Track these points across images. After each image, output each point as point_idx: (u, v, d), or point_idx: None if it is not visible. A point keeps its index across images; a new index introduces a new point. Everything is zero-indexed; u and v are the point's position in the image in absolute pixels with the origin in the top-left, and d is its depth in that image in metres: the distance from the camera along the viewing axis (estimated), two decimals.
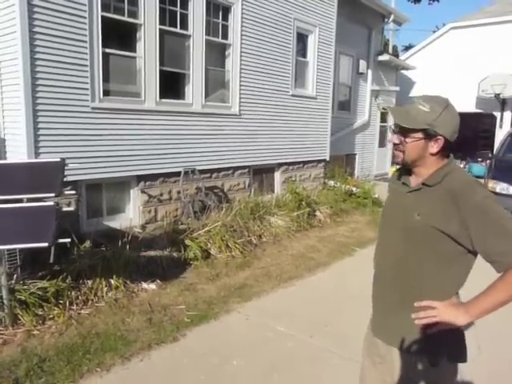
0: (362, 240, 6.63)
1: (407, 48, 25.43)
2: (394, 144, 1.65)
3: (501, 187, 7.43)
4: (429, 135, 1.56)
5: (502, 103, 13.90)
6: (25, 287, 3.69)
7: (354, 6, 10.55)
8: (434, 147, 1.57)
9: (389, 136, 1.97)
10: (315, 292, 4.62)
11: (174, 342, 3.45)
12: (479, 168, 12.69)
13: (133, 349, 3.29)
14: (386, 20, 12.28)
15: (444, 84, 14.15)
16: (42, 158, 4.59)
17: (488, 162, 9.70)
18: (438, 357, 1.58)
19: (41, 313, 3.63)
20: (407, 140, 1.59)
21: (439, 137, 1.56)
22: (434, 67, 14.97)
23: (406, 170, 1.74)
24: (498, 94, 13.34)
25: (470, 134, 17.56)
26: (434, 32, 17.81)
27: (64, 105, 4.86)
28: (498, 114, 14.31)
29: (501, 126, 14.15)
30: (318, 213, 7.70)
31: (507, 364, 3.26)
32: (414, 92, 15.07)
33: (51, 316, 3.64)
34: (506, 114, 14.16)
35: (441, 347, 1.58)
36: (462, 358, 1.62)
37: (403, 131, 1.60)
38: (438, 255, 1.57)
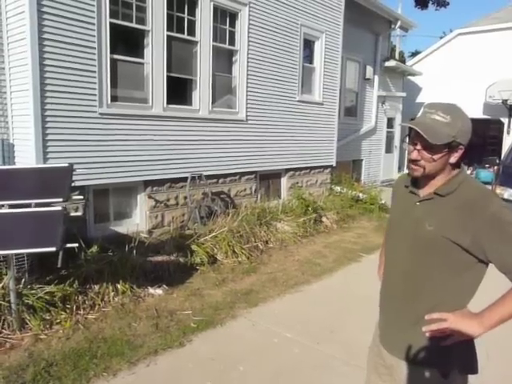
0: (369, 246, 6.60)
1: (414, 54, 25.42)
2: (413, 160, 1.55)
3: (509, 193, 7.37)
4: (452, 147, 1.51)
5: (510, 109, 13.84)
6: (32, 292, 3.70)
7: (361, 11, 10.57)
8: (455, 157, 1.54)
9: (412, 151, 1.81)
10: (321, 298, 4.60)
11: (180, 347, 3.44)
12: (486, 174, 12.61)
13: (139, 354, 3.29)
14: (392, 26, 12.30)
15: (451, 90, 14.11)
16: (50, 163, 4.63)
17: (495, 168, 9.63)
18: (449, 369, 1.54)
19: (48, 317, 3.64)
20: (435, 157, 1.50)
21: (461, 147, 1.52)
22: (440, 73, 14.94)
23: (413, 179, 1.68)
24: (506, 100, 13.28)
25: (477, 140, 17.48)
26: (441, 38, 17.80)
27: (72, 110, 4.90)
28: (505, 120, 14.24)
29: (508, 132, 14.08)
30: (324, 219, 7.68)
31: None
32: (421, 98, 15.05)
33: (58, 320, 3.65)
34: None
35: (452, 359, 1.54)
36: (474, 369, 1.59)
37: (428, 147, 1.50)
38: (449, 266, 1.53)
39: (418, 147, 1.53)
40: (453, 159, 1.54)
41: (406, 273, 1.63)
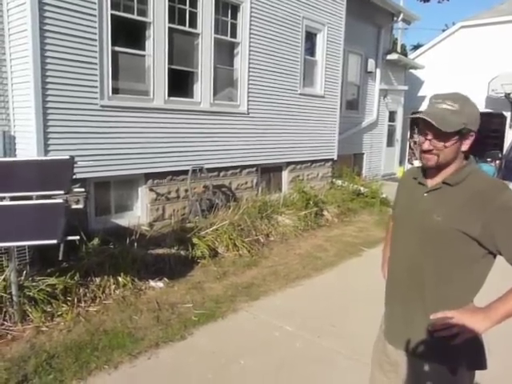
0: (370, 240, 6.60)
1: (416, 47, 25.24)
2: (425, 150, 1.55)
3: (511, 187, 7.37)
4: (462, 134, 1.51)
5: None
6: (34, 284, 3.71)
7: (363, 4, 10.49)
8: (466, 144, 1.54)
9: (423, 142, 1.78)
10: (322, 292, 4.61)
11: (181, 340, 3.45)
12: (489, 168, 12.55)
13: (140, 346, 3.30)
14: (395, 19, 12.21)
15: (453, 83, 13.95)
16: (52, 156, 4.62)
17: (497, 162, 9.61)
18: (457, 365, 1.53)
19: (49, 309, 3.65)
20: (447, 144, 1.50)
21: (471, 133, 1.53)
22: (443, 66, 14.85)
23: (419, 169, 1.69)
24: (509, 94, 13.22)
25: (480, 134, 17.42)
26: (444, 31, 17.67)
27: (73, 102, 4.88)
28: (508, 114, 14.17)
29: (510, 126, 14.02)
30: (325, 212, 7.68)
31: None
32: (423, 91, 14.97)
33: (59, 313, 3.66)
34: None
35: (460, 355, 1.52)
36: (482, 365, 1.58)
37: (440, 136, 1.50)
38: (457, 258, 1.52)
39: (429, 137, 1.53)
40: (464, 147, 1.54)
41: (412, 266, 1.61)
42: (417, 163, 1.74)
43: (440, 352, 1.54)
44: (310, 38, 8.56)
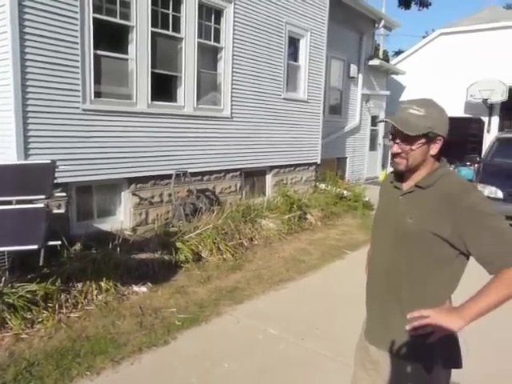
0: (353, 243, 6.66)
1: (397, 53, 25.66)
2: (395, 154, 1.61)
3: (489, 191, 7.51)
4: (430, 138, 1.56)
5: (490, 108, 14.10)
6: (13, 290, 3.63)
7: (346, 10, 10.63)
8: (435, 148, 1.59)
9: (392, 146, 1.85)
10: (306, 295, 4.63)
11: (164, 345, 3.43)
12: (468, 172, 12.82)
13: (123, 352, 3.26)
14: (376, 25, 12.40)
15: (433, 89, 14.27)
16: (32, 160, 4.55)
17: (476, 165, 9.80)
18: (433, 363, 1.57)
19: (29, 316, 3.58)
20: (413, 147, 1.56)
21: (439, 137, 1.58)
22: (423, 72, 15.13)
23: (397, 174, 1.73)
24: (486, 99, 13.53)
25: (459, 138, 17.73)
26: (424, 38, 18.01)
27: (55, 106, 4.83)
28: (485, 119, 14.50)
29: (488, 131, 14.34)
30: (309, 216, 7.72)
31: (493, 364, 3.29)
32: (404, 96, 15.21)
33: (40, 319, 3.59)
34: (494, 118, 14.36)
35: (436, 353, 1.56)
36: (458, 363, 1.62)
37: (406, 139, 1.56)
38: (430, 259, 1.56)
39: (397, 141, 1.59)
40: (433, 151, 1.59)
41: (389, 267, 1.65)
42: None
43: (417, 351, 1.57)
44: (293, 43, 8.64)
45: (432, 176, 1.59)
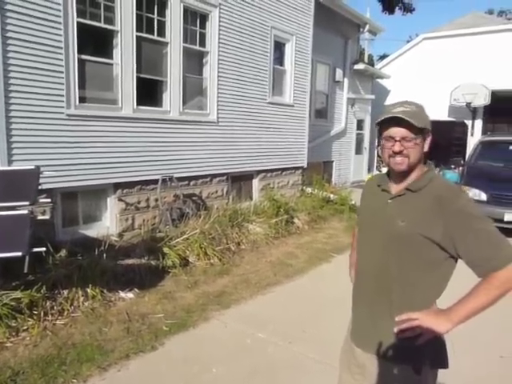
0: (340, 246, 6.69)
1: (382, 57, 25.96)
2: (397, 152, 1.58)
3: (473, 193, 7.63)
4: (424, 133, 1.60)
5: (473, 112, 14.33)
6: None
7: (331, 15, 10.73)
8: (427, 144, 1.63)
9: (392, 145, 1.82)
10: (294, 298, 4.64)
11: (152, 350, 3.41)
12: (452, 175, 12.99)
13: (110, 359, 3.23)
14: (361, 30, 12.55)
15: (418, 92, 14.44)
16: (16, 166, 4.49)
17: (460, 168, 9.96)
18: (421, 364, 1.58)
19: (14, 324, 3.52)
20: (417, 142, 1.57)
21: (429, 134, 1.62)
22: (407, 76, 15.33)
23: (383, 177, 1.75)
24: (469, 103, 13.76)
25: (444, 142, 17.98)
26: (408, 42, 18.26)
27: (39, 111, 4.78)
28: (469, 123, 14.74)
29: (472, 134, 14.57)
30: (296, 220, 7.74)
31: (481, 366, 3.33)
32: (389, 100, 15.37)
33: (25, 327, 3.54)
34: (477, 122, 14.60)
35: (424, 355, 1.58)
36: (444, 364, 1.64)
37: (408, 138, 1.57)
38: (420, 262, 1.58)
39: (398, 139, 1.58)
40: (426, 147, 1.63)
41: (379, 270, 1.66)
42: (385, 170, 1.82)
43: (405, 353, 1.58)
44: (279, 47, 8.69)
45: (422, 179, 1.62)
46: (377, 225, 1.69)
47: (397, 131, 1.58)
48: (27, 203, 3.50)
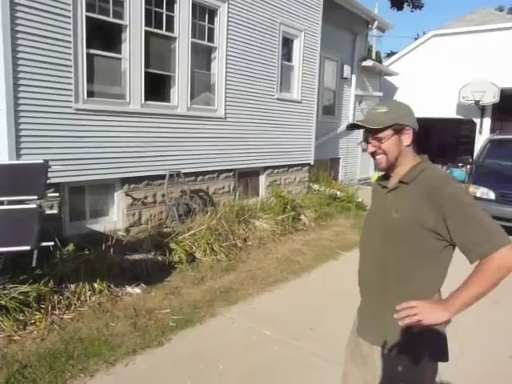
0: (347, 243, 6.67)
1: (390, 54, 25.79)
2: (373, 153, 1.72)
3: (481, 192, 7.58)
4: (398, 129, 1.66)
5: (482, 110, 14.19)
6: (5, 292, 3.59)
7: (339, 11, 10.65)
8: (407, 139, 1.68)
9: (368, 148, 1.93)
10: (300, 295, 4.62)
11: (159, 346, 3.41)
12: (460, 173, 12.90)
13: (117, 354, 3.24)
14: (370, 26, 12.43)
15: (426, 90, 14.40)
16: (24, 160, 4.50)
17: (468, 167, 9.88)
18: (420, 356, 1.61)
19: (22, 318, 3.54)
20: (383, 140, 1.66)
21: (407, 127, 1.67)
22: (416, 73, 15.19)
23: (384, 175, 1.81)
24: (478, 101, 13.62)
25: (451, 140, 17.87)
26: (416, 39, 18.11)
27: (47, 105, 4.77)
28: (477, 121, 14.60)
29: (480, 132, 14.44)
30: (302, 216, 7.72)
31: (489, 365, 3.30)
32: (397, 97, 15.27)
33: (33, 321, 3.55)
34: (486, 120, 14.46)
35: (423, 346, 1.61)
36: (444, 357, 1.66)
37: (376, 137, 1.68)
38: (417, 252, 1.61)
39: (370, 140, 1.71)
40: (405, 141, 1.68)
41: (379, 262, 1.71)
42: None
43: (405, 344, 1.62)
44: (287, 43, 8.63)
45: (413, 171, 1.67)
46: (376, 219, 1.78)
47: (370, 135, 1.71)
48: (36, 197, 3.51)
